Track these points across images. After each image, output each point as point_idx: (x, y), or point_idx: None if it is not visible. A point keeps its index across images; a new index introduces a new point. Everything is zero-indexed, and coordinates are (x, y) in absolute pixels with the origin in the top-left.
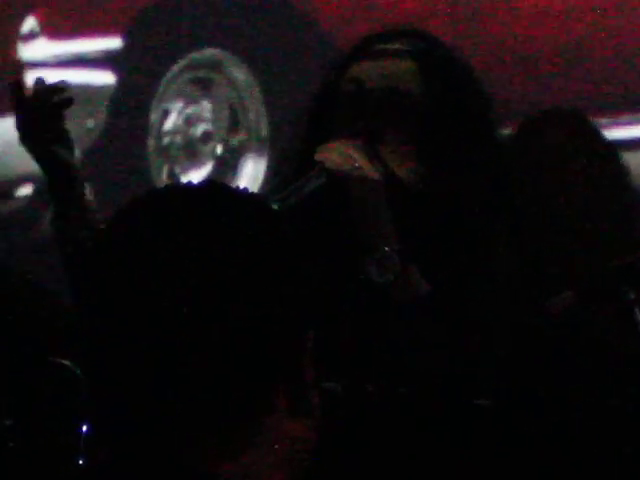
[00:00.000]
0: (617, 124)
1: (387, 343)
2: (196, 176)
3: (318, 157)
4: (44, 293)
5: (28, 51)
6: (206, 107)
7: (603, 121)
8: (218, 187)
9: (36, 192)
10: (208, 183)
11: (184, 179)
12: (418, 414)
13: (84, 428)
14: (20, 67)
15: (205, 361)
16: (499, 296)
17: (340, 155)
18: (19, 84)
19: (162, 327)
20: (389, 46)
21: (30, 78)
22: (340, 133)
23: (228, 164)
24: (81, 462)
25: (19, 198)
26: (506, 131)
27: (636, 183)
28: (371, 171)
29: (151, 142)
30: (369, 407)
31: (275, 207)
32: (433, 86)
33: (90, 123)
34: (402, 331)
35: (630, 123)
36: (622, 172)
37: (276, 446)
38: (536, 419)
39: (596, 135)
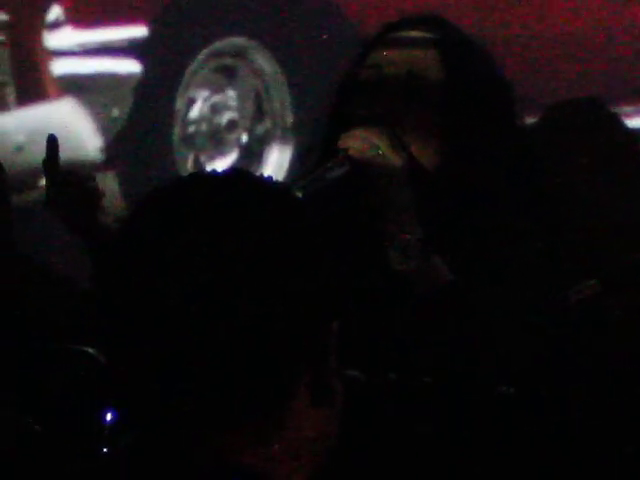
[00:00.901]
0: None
1: (409, 332)
2: (221, 164)
3: (341, 144)
4: (67, 282)
5: (54, 40)
6: (231, 95)
7: (625, 109)
8: (243, 176)
9: None
10: (233, 172)
11: (209, 167)
12: (441, 403)
13: (108, 416)
14: (47, 55)
15: (231, 350)
16: (522, 285)
17: (363, 142)
18: (53, 156)
19: (186, 316)
20: (408, 34)
21: (57, 66)
22: (361, 120)
23: (253, 153)
24: (105, 450)
25: (42, 188)
26: (530, 120)
27: None
28: (394, 158)
29: (176, 131)
30: (393, 396)
31: (298, 195)
32: (453, 73)
33: (115, 112)
34: (423, 320)
35: None
36: None
37: (300, 435)
38: (559, 409)
39: (618, 124)
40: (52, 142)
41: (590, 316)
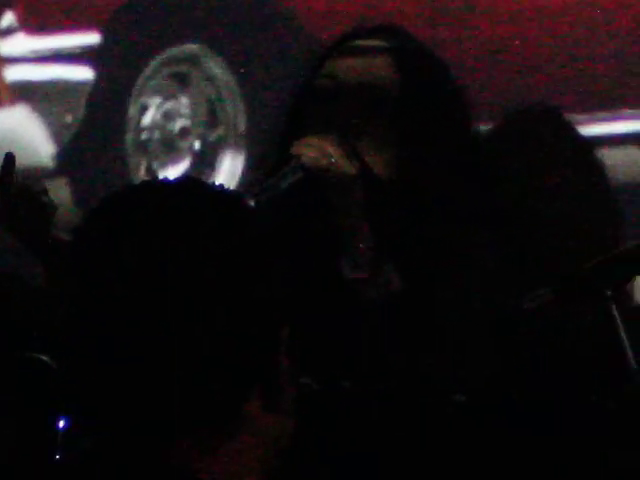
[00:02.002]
0: (594, 120)
1: (361, 340)
2: (174, 171)
3: (294, 152)
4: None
5: (6, 46)
6: (184, 103)
7: (580, 118)
8: (195, 184)
9: None
10: (185, 180)
11: (162, 174)
12: (395, 410)
13: (61, 423)
14: None
15: (182, 356)
16: (477, 292)
17: (316, 150)
18: (8, 174)
19: (138, 323)
20: (364, 42)
21: (10, 73)
22: (316, 129)
23: (206, 159)
24: (58, 457)
25: None
26: (485, 127)
27: (613, 180)
28: (347, 167)
29: (129, 137)
30: (345, 403)
31: (251, 203)
32: (407, 82)
33: (68, 118)
34: (376, 328)
35: (608, 120)
36: (598, 168)
37: (252, 441)
38: (511, 415)
39: (573, 132)
40: (9, 160)
41: (543, 324)
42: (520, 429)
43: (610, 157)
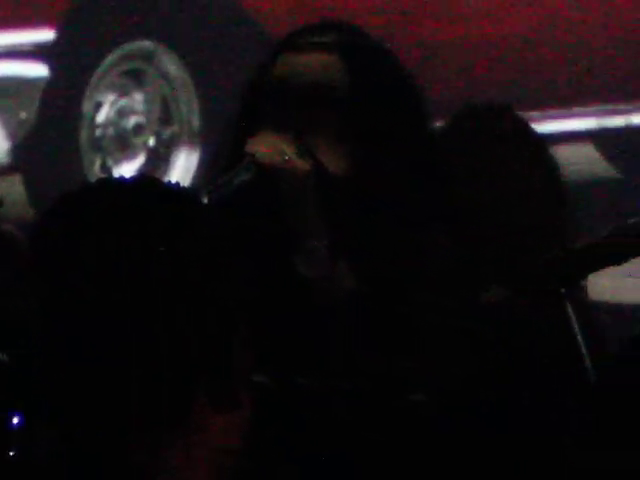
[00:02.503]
0: (547, 117)
1: (316, 337)
2: (128, 168)
3: (248, 149)
4: None
5: None
6: (138, 99)
7: (533, 114)
8: (150, 182)
9: None
10: (140, 178)
11: (116, 171)
12: (351, 408)
13: (15, 420)
14: None
15: (135, 354)
16: (432, 290)
17: (270, 148)
18: None
19: (95, 319)
20: (314, 39)
21: None
22: (269, 126)
23: (160, 156)
24: (12, 454)
25: None
26: (437, 124)
27: (566, 177)
28: (300, 164)
29: (83, 134)
30: (301, 400)
31: (204, 200)
32: (358, 78)
33: (23, 115)
34: (331, 326)
35: (560, 117)
36: (551, 166)
37: (202, 440)
38: (468, 414)
39: (526, 129)
40: None
41: (500, 319)
42: (479, 428)
43: (564, 154)
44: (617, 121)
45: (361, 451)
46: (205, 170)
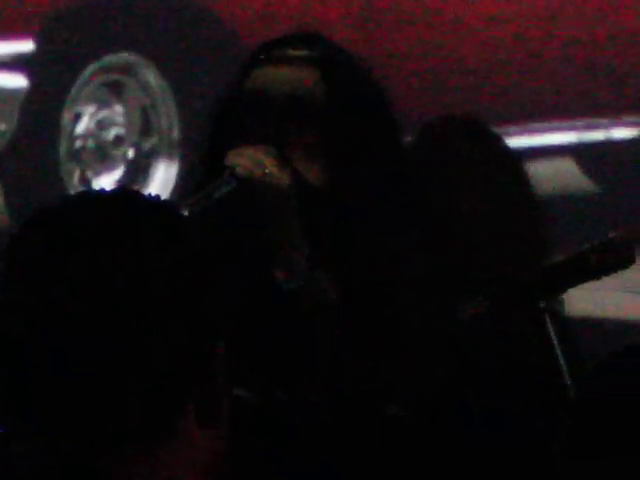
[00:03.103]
0: (527, 131)
1: (297, 350)
2: (108, 180)
3: (228, 162)
4: None
5: None
6: (118, 111)
7: (513, 128)
8: (130, 195)
9: None
10: (120, 190)
11: (96, 183)
12: (329, 422)
13: None
14: None
15: (116, 369)
16: (412, 301)
17: (250, 160)
18: None
19: (72, 334)
20: (290, 52)
21: None
22: (248, 139)
23: (140, 168)
24: None
25: None
26: (408, 137)
27: (542, 191)
28: (280, 176)
29: (63, 146)
30: (280, 414)
31: (185, 213)
32: (334, 91)
33: (2, 126)
34: (312, 336)
35: (540, 131)
36: (526, 180)
37: (186, 455)
38: (448, 426)
39: (497, 142)
40: None
41: (480, 333)
42: (456, 439)
43: (544, 169)
44: (597, 135)
45: (346, 461)
46: (185, 182)
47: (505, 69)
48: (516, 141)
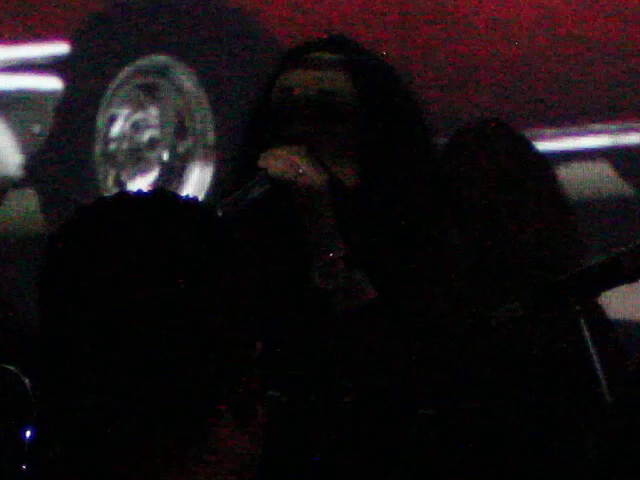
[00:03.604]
0: (562, 135)
1: (334, 351)
2: (142, 182)
3: (262, 164)
4: None
5: None
6: (153, 113)
7: (548, 132)
8: (166, 196)
9: None
10: (157, 191)
11: (130, 185)
12: (363, 423)
13: (28, 434)
14: None
15: (151, 372)
16: (446, 303)
17: (284, 161)
18: None
19: (110, 336)
20: (319, 55)
21: None
22: (280, 140)
23: (174, 171)
24: (24, 467)
25: None
26: (442, 140)
27: (577, 194)
28: (315, 177)
29: (98, 148)
30: (314, 416)
31: (219, 215)
32: (363, 92)
33: (37, 128)
34: (348, 338)
35: (575, 134)
36: (557, 183)
37: (222, 457)
38: (482, 428)
39: (528, 146)
40: None
41: (511, 338)
42: (489, 442)
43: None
44: (631, 138)
45: (378, 460)
46: (220, 184)
47: (539, 72)
48: (551, 144)
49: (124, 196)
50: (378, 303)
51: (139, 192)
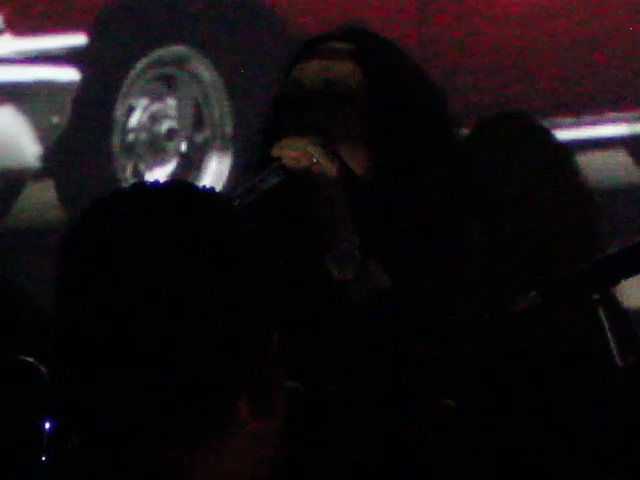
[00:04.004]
0: (580, 124)
1: (348, 341)
2: (160, 173)
3: (275, 154)
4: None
5: None
6: (171, 104)
7: (566, 121)
8: (184, 186)
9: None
10: (174, 182)
11: (148, 176)
12: (383, 414)
13: (47, 425)
14: None
15: (170, 362)
16: (463, 292)
17: (297, 151)
18: None
19: (128, 326)
20: (331, 45)
21: None
22: (292, 130)
23: (192, 161)
24: (44, 459)
25: None
26: (464, 131)
27: (595, 183)
28: (329, 167)
29: (116, 139)
30: (332, 406)
31: (235, 204)
32: (375, 84)
33: (55, 119)
34: (362, 328)
35: (593, 123)
36: (576, 173)
37: (241, 446)
38: (500, 419)
39: (548, 137)
40: None
41: (529, 327)
42: (509, 433)
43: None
44: None
45: (396, 452)
46: (237, 175)
47: (558, 61)
48: (569, 133)
49: (141, 187)
50: (393, 293)
51: (156, 183)
